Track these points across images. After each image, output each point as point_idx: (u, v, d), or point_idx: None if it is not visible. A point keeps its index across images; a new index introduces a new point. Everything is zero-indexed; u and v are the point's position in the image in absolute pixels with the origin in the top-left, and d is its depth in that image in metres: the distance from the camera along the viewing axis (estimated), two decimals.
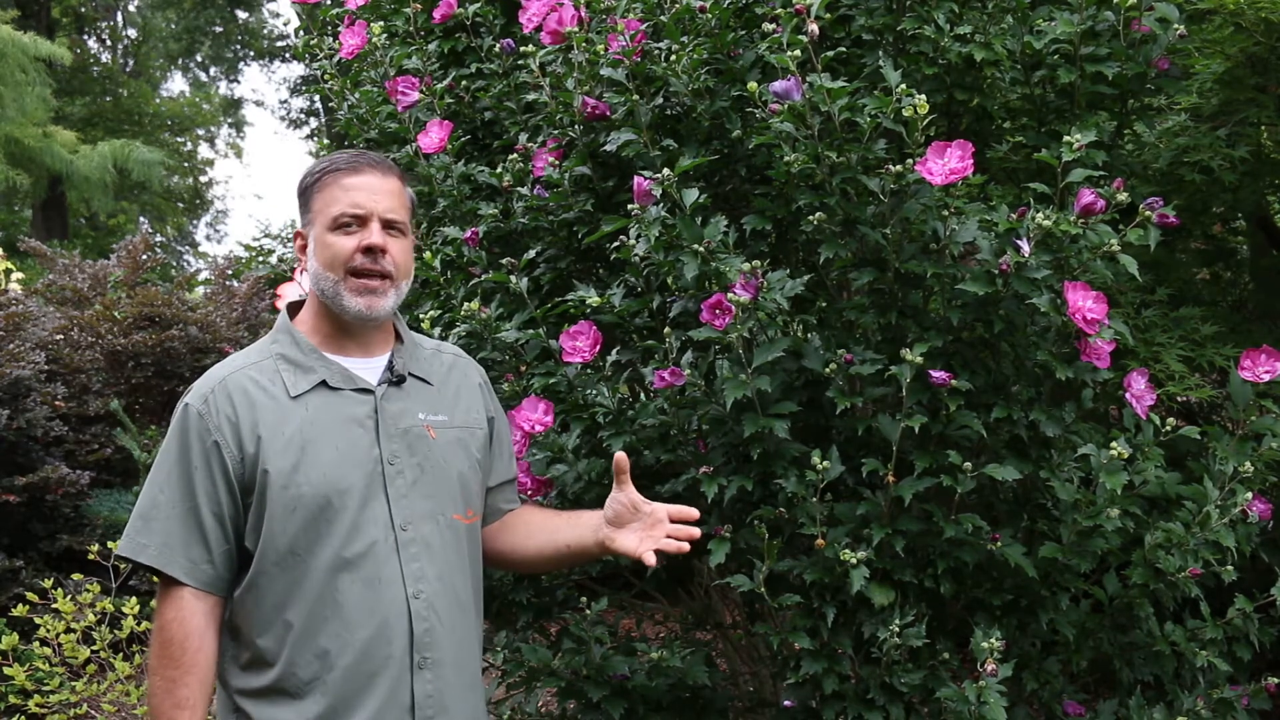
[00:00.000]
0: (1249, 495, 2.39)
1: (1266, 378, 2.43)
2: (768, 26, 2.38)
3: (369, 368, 1.94)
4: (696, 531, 1.93)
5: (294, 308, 2.01)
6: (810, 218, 2.37)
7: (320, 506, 1.82)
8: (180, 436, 1.86)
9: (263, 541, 1.82)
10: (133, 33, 24.62)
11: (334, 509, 1.82)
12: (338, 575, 1.82)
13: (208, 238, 30.20)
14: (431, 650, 1.87)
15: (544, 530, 2.06)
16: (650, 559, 1.90)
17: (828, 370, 2.35)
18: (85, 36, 23.68)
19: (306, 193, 1.96)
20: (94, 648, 4.07)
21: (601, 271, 2.91)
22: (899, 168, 2.27)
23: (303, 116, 25.11)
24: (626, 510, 1.95)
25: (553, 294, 2.79)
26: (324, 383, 1.90)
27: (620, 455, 1.94)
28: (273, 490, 1.81)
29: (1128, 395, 2.40)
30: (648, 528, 1.93)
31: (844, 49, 2.56)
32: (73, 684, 4.07)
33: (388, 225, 1.92)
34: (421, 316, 2.71)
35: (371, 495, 1.86)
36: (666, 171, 2.34)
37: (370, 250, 1.89)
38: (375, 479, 1.86)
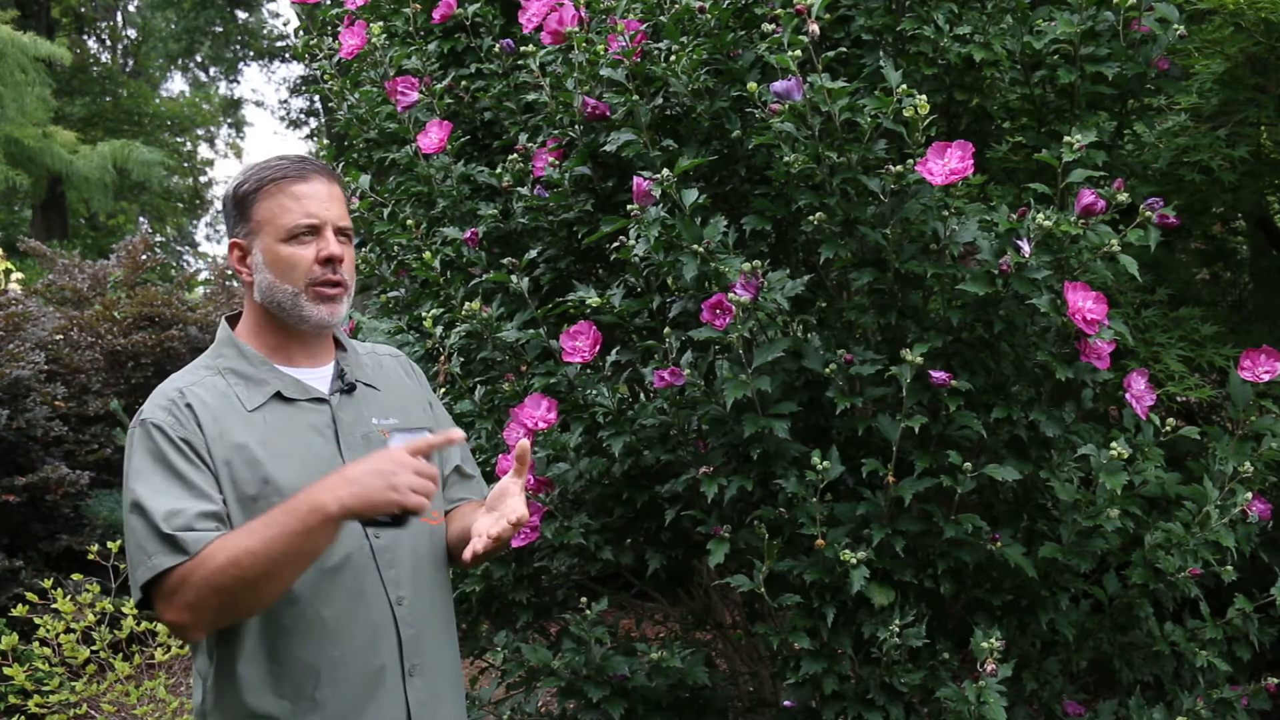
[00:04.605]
0: (1249, 495, 2.39)
1: (1266, 378, 2.43)
2: (767, 27, 2.38)
3: (318, 377, 1.90)
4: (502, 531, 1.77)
5: (232, 320, 1.95)
6: (810, 218, 2.37)
7: None
8: (150, 447, 1.75)
9: None
10: (132, 33, 24.63)
11: None
12: (318, 590, 1.77)
13: (208, 238, 30.13)
14: (420, 656, 1.85)
15: (461, 516, 1.98)
16: (466, 554, 1.78)
17: (828, 370, 2.35)
18: (85, 36, 23.68)
19: (244, 200, 1.86)
20: (94, 648, 4.07)
21: (601, 271, 2.91)
22: (899, 168, 2.27)
23: (303, 116, 25.12)
24: (499, 496, 1.85)
25: (553, 294, 2.79)
26: (279, 394, 1.84)
27: (524, 443, 1.83)
28: (243, 505, 1.75)
29: (1128, 395, 2.40)
30: (495, 520, 1.80)
31: (844, 49, 2.56)
32: (72, 684, 4.07)
33: (339, 233, 1.86)
34: (423, 316, 2.71)
35: None
36: (666, 172, 2.34)
37: (330, 261, 1.84)
38: None
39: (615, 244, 2.46)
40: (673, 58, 2.54)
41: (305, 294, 1.83)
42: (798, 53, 2.29)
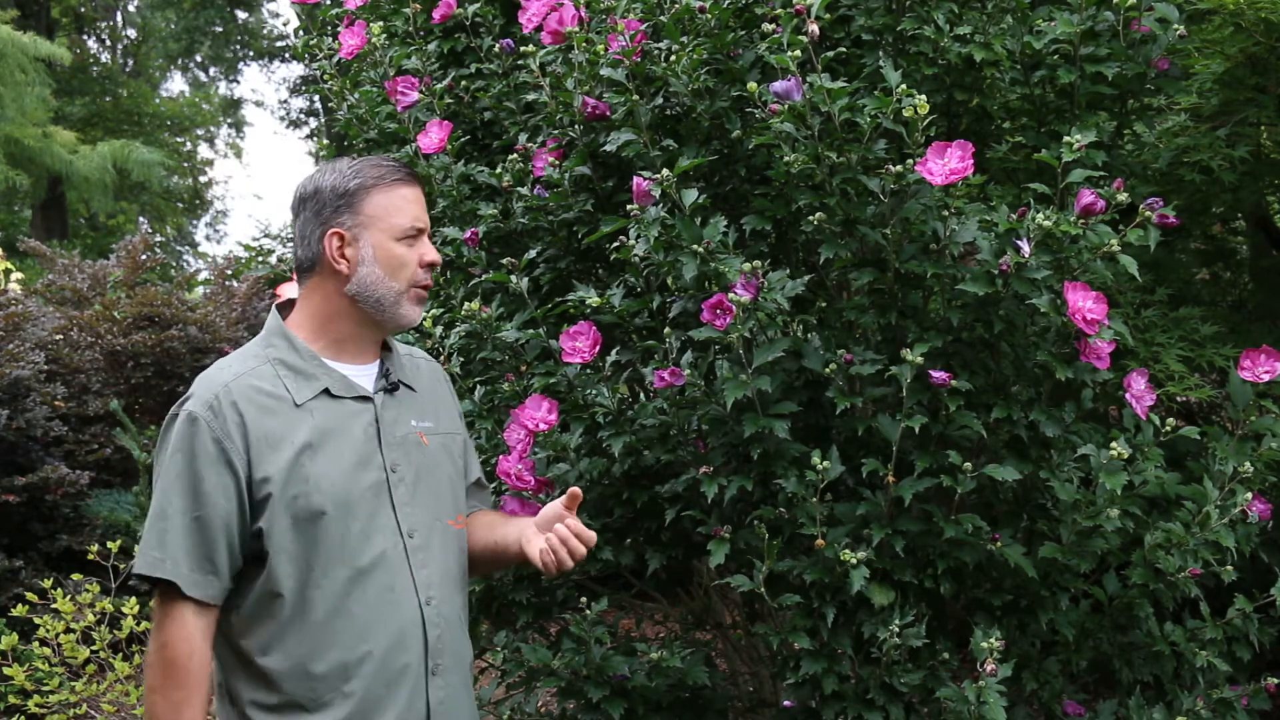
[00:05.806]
0: (1249, 495, 2.39)
1: (1266, 378, 2.43)
2: (767, 27, 2.38)
3: (363, 375, 1.92)
4: (580, 547, 1.90)
5: (283, 308, 1.97)
6: (810, 218, 2.37)
7: (332, 516, 1.80)
8: (186, 445, 1.79)
9: (272, 553, 1.78)
10: (132, 33, 24.61)
11: (345, 519, 1.81)
12: (352, 586, 1.80)
13: (207, 238, 30.19)
14: (443, 657, 1.87)
15: (485, 526, 2.04)
16: (535, 559, 1.89)
17: (828, 370, 2.35)
18: (85, 36, 23.66)
19: (356, 193, 1.88)
20: (93, 648, 4.06)
21: (601, 271, 2.91)
22: (899, 168, 2.27)
23: (302, 116, 25.11)
24: (548, 520, 1.94)
25: (553, 294, 2.79)
26: (326, 390, 1.87)
27: (575, 490, 1.93)
28: (284, 500, 1.78)
29: (1128, 395, 2.40)
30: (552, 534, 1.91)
31: (844, 49, 2.56)
32: (72, 684, 4.07)
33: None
34: (424, 316, 2.71)
35: (379, 504, 1.85)
36: (666, 172, 2.34)
37: (433, 266, 1.93)
38: (381, 488, 1.85)
39: (615, 244, 2.46)
40: (673, 58, 2.54)
41: (408, 294, 1.90)
42: (797, 53, 2.29)
